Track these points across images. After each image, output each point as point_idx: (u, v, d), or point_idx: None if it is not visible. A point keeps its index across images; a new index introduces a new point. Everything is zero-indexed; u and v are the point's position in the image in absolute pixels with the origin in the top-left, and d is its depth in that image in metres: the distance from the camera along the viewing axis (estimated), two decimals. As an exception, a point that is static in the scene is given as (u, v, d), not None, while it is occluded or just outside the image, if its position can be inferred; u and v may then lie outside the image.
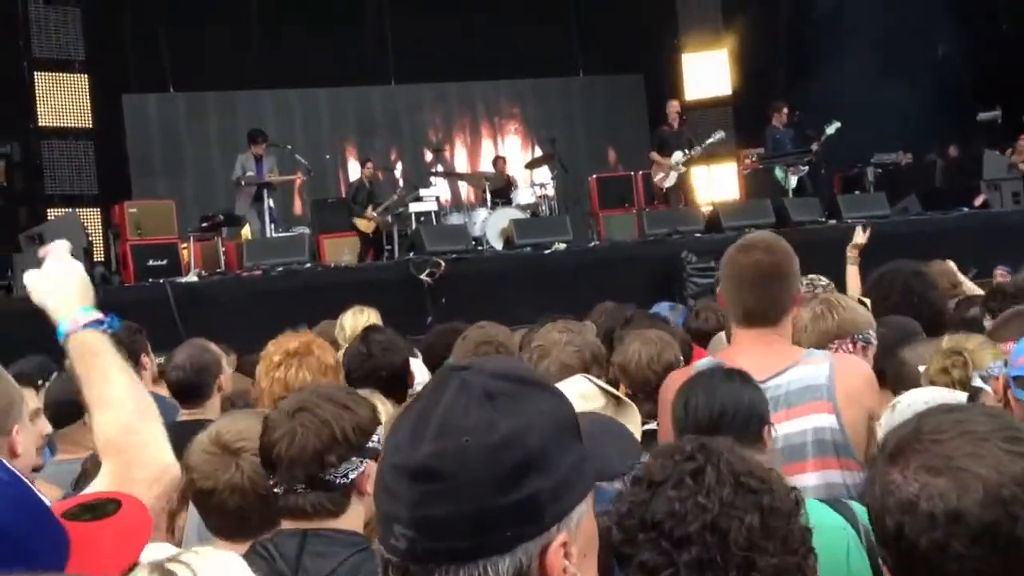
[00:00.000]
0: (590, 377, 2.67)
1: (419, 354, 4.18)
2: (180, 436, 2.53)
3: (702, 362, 2.97)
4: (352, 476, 2.18)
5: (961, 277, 5.19)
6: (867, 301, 3.89)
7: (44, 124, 14.22)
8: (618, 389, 3.23)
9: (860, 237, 5.65)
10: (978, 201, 13.52)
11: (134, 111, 16.20)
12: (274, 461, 2.18)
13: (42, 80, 14.26)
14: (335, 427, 2.18)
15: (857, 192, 14.30)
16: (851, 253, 5.55)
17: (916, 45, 14.52)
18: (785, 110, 13.67)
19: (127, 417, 1.90)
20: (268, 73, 16.15)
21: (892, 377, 3.09)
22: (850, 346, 3.22)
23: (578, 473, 1.14)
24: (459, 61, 16.75)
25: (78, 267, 2.04)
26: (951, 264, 5.21)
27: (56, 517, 1.52)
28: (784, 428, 2.62)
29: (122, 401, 1.91)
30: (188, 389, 3.99)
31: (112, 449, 1.89)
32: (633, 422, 2.49)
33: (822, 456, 2.65)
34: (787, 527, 1.40)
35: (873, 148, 14.96)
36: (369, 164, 14.05)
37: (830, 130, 12.83)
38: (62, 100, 14.38)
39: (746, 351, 2.84)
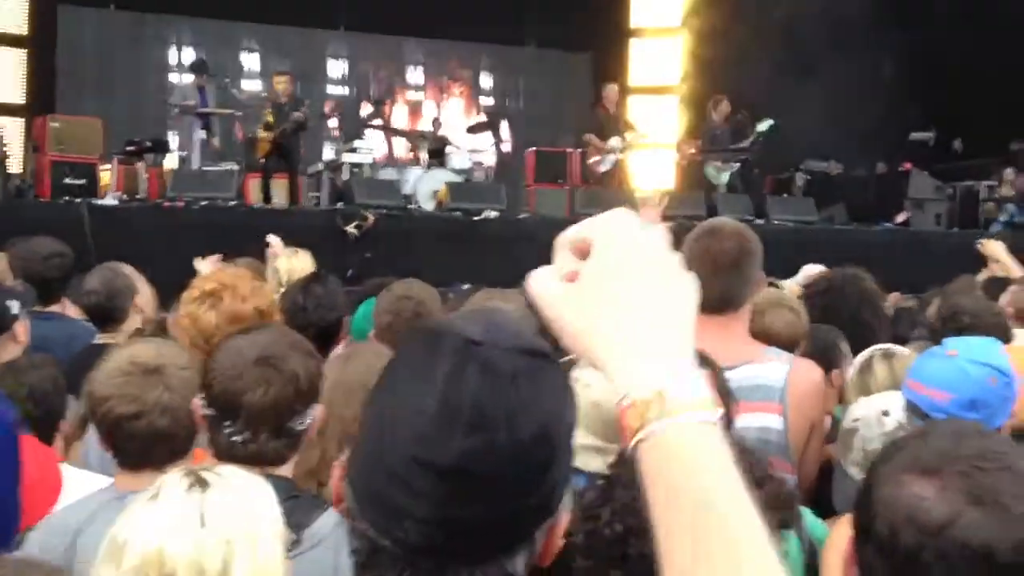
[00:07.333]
0: None
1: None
2: (93, 357, 2.48)
3: None
4: (308, 422, 2.17)
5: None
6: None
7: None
8: None
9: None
10: (900, 218, 13.82)
11: (69, 23, 15.65)
12: (237, 409, 2.11)
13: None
14: (302, 378, 2.16)
15: (787, 195, 14.55)
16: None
17: (862, 59, 14.74)
18: (724, 104, 13.73)
19: None
20: (213, 2, 15.73)
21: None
22: None
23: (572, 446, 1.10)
24: (409, 16, 16.52)
25: None
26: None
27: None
28: None
29: None
30: (103, 313, 4.05)
31: None
32: None
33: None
34: None
35: (806, 154, 15.20)
36: (283, 78, 12.38)
37: (762, 127, 12.92)
38: (-3, 4, 13.88)
39: (705, 339, 2.81)
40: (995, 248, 5.28)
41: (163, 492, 1.63)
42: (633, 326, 0.90)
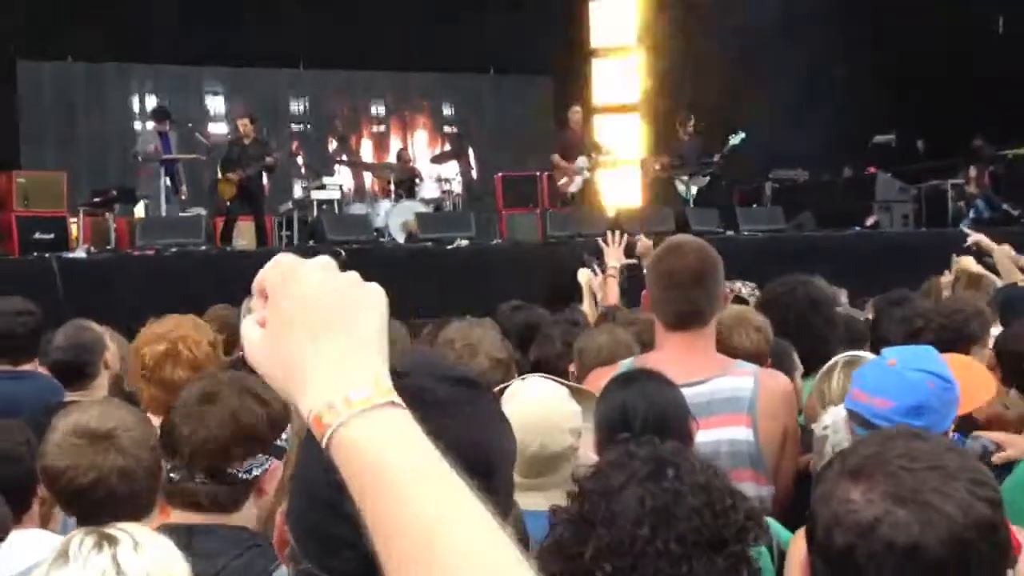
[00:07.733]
0: (549, 376, 2.67)
1: None
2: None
3: (625, 362, 2.94)
4: (256, 473, 2.07)
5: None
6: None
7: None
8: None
9: None
10: (870, 221, 13.95)
11: (28, 78, 15.60)
12: (175, 445, 2.07)
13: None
14: (244, 420, 2.07)
15: (755, 205, 14.65)
16: None
17: (820, 66, 14.88)
18: (691, 122, 13.85)
19: None
20: (172, 48, 15.69)
21: None
22: None
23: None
24: (369, 50, 16.56)
25: None
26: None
27: None
28: (700, 436, 2.64)
29: None
30: (69, 370, 3.88)
31: None
32: (588, 408, 2.50)
33: (735, 467, 2.62)
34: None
35: (773, 164, 15.31)
36: (245, 120, 12.77)
37: (735, 140, 13.03)
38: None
39: (672, 355, 2.80)
40: (968, 263, 5.44)
41: (72, 551, 1.63)
42: (306, 361, 0.94)
